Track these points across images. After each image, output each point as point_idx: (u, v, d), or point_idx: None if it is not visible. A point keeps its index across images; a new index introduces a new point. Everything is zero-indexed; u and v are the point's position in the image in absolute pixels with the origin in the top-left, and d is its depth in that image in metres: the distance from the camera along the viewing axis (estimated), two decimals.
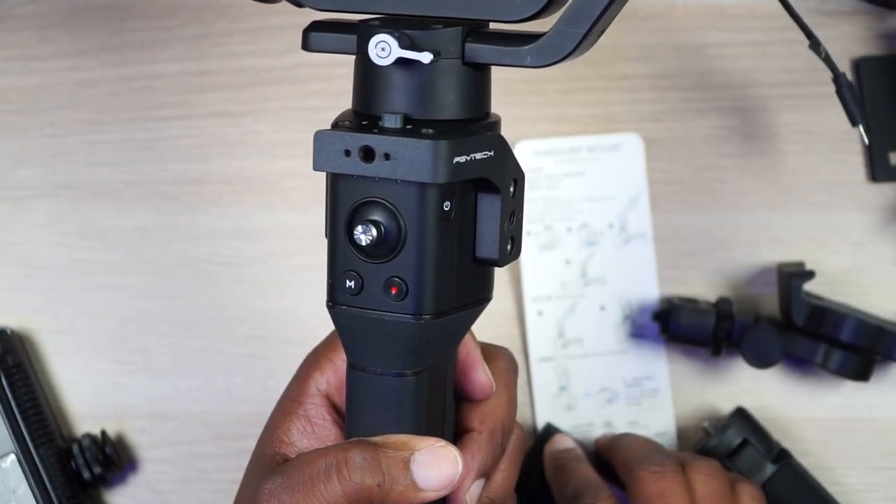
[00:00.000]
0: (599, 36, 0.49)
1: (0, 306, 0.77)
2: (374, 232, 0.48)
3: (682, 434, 0.75)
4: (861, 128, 0.69)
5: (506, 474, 0.57)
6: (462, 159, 0.47)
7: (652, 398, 0.74)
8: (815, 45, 0.66)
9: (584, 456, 0.72)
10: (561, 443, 0.72)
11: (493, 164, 0.49)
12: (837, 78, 0.68)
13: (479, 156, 0.48)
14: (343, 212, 0.49)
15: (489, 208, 0.50)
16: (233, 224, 0.77)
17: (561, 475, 0.69)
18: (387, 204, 0.48)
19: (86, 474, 0.73)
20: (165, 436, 0.76)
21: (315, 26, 0.51)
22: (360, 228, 0.48)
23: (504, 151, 0.50)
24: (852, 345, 0.71)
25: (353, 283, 0.50)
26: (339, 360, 0.56)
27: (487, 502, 0.56)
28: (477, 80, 0.50)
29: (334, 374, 0.56)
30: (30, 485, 0.72)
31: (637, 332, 0.75)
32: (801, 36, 0.75)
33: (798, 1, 0.76)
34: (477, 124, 0.49)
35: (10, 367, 0.73)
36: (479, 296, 0.52)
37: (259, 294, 0.76)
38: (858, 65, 0.75)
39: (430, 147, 0.46)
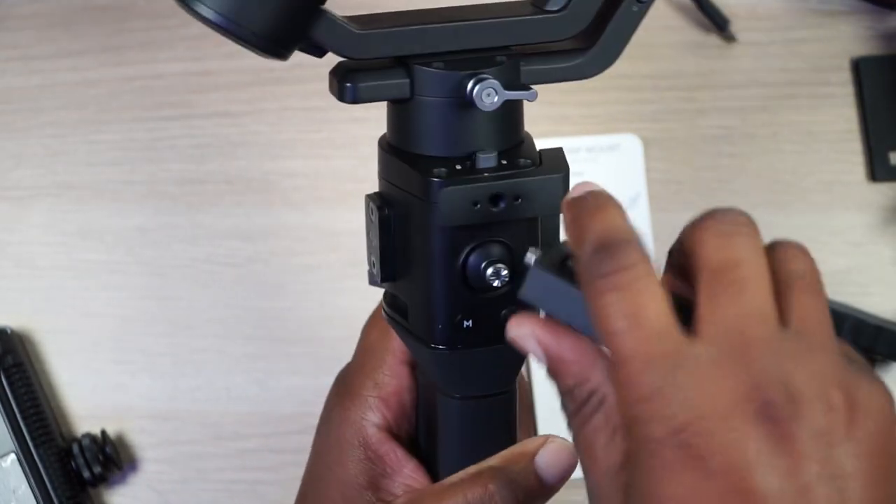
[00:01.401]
0: None
1: (0, 306, 0.77)
2: (507, 272, 0.48)
3: None
4: (727, 32, 0.72)
5: (525, 428, 0.57)
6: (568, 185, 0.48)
7: None
8: None
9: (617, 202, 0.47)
10: (588, 186, 0.46)
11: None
12: None
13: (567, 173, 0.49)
14: (455, 257, 0.48)
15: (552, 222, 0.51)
16: (233, 224, 0.77)
17: (578, 221, 0.44)
18: (501, 241, 0.48)
19: (86, 474, 0.73)
20: (165, 436, 0.76)
21: (350, 74, 0.49)
22: (491, 271, 0.48)
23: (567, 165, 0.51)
24: (852, 345, 0.70)
25: (469, 321, 0.49)
26: (386, 395, 0.55)
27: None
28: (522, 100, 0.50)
29: (387, 408, 0.55)
30: (30, 485, 0.72)
31: None
32: (801, 36, 0.75)
33: (798, 1, 0.76)
34: (526, 141, 0.50)
35: (10, 367, 0.73)
36: None
37: (259, 294, 0.76)
38: (858, 64, 0.75)
39: (559, 182, 0.47)
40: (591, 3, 0.49)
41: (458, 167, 0.47)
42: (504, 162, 0.47)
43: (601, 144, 0.75)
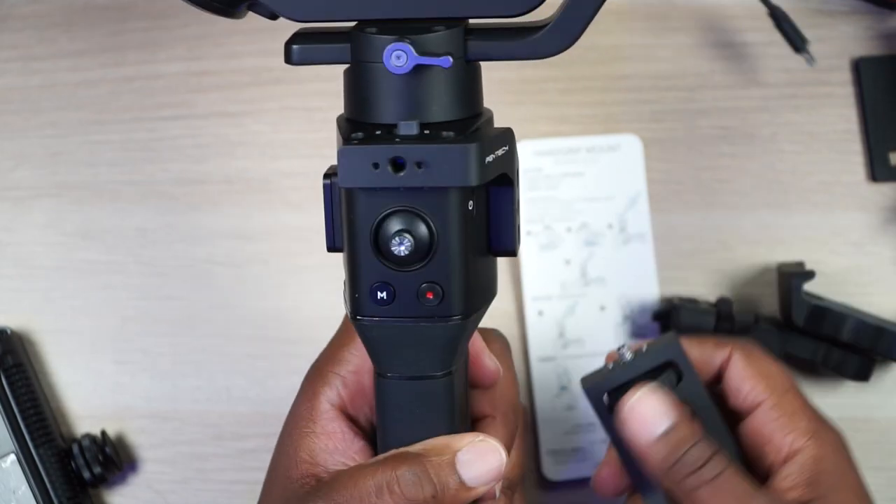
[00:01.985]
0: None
1: (0, 306, 0.77)
2: (411, 241, 0.48)
3: None
4: (806, 52, 0.72)
5: (518, 452, 0.57)
6: (490, 158, 0.48)
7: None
8: None
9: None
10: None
11: (508, 159, 0.50)
12: (773, 11, 0.72)
13: (499, 153, 0.49)
14: (367, 224, 0.49)
15: (503, 201, 0.50)
16: (233, 224, 0.77)
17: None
18: (415, 211, 0.48)
19: (86, 474, 0.73)
20: (165, 436, 0.76)
21: (299, 38, 0.50)
22: (396, 240, 0.48)
23: (513, 144, 0.50)
24: (852, 345, 0.71)
25: (384, 293, 0.49)
26: (346, 372, 0.56)
27: (506, 484, 0.55)
28: (476, 78, 0.50)
29: (344, 386, 0.56)
30: (30, 485, 0.72)
31: (637, 332, 0.75)
32: (801, 35, 0.75)
33: (798, 1, 0.76)
34: (480, 120, 0.50)
35: (10, 367, 0.73)
36: (494, 290, 0.53)
37: (259, 294, 0.76)
38: (858, 65, 0.75)
39: (466, 151, 0.46)
40: None
41: (378, 132, 0.48)
42: (427, 132, 0.47)
43: (601, 144, 0.75)
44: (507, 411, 0.56)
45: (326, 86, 0.77)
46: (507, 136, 0.50)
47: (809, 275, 0.71)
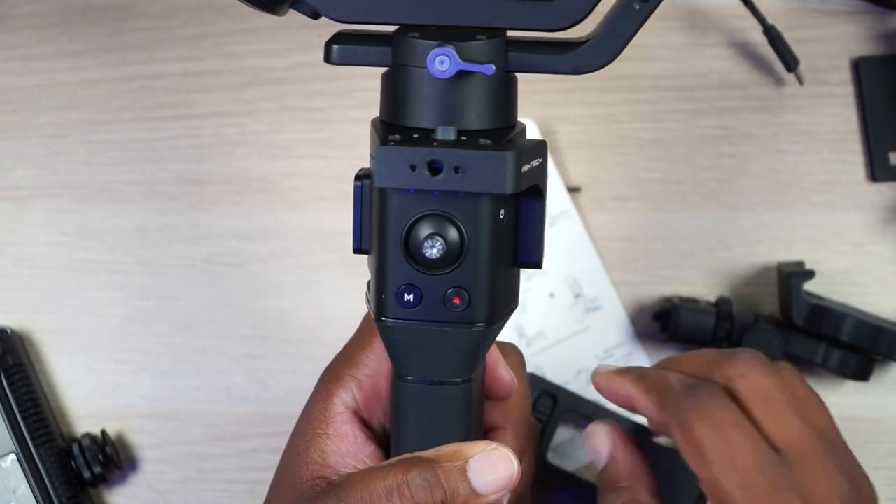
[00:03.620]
0: None
1: (0, 306, 0.77)
2: (442, 245, 0.48)
3: None
4: (797, 73, 0.73)
5: (526, 466, 0.57)
6: (526, 168, 0.48)
7: (628, 363, 0.74)
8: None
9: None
10: (609, 366, 0.62)
11: (540, 171, 0.50)
12: (767, 29, 0.73)
13: (534, 164, 0.49)
14: (399, 226, 0.49)
15: (533, 212, 0.51)
16: (233, 224, 0.77)
17: (649, 379, 0.59)
18: (448, 216, 0.48)
19: (86, 474, 0.73)
20: (165, 436, 0.76)
21: (340, 38, 0.50)
22: (427, 243, 0.48)
23: (546, 157, 0.50)
24: (852, 345, 0.71)
25: (411, 296, 0.49)
26: (362, 376, 0.55)
27: (513, 497, 0.55)
28: (514, 89, 0.50)
29: (359, 389, 0.55)
30: (30, 485, 0.72)
31: (638, 332, 0.75)
32: (801, 35, 0.75)
33: (798, 1, 0.76)
34: (515, 131, 0.50)
35: (10, 367, 0.73)
36: (516, 301, 0.53)
37: (259, 294, 0.76)
38: (858, 65, 0.75)
39: (504, 159, 0.46)
40: None
41: (416, 136, 0.48)
42: (464, 138, 0.47)
43: None
44: (519, 424, 0.56)
45: (326, 86, 0.77)
46: (541, 149, 0.50)
47: (809, 274, 0.71)
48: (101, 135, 0.78)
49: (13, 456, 0.72)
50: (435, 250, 0.48)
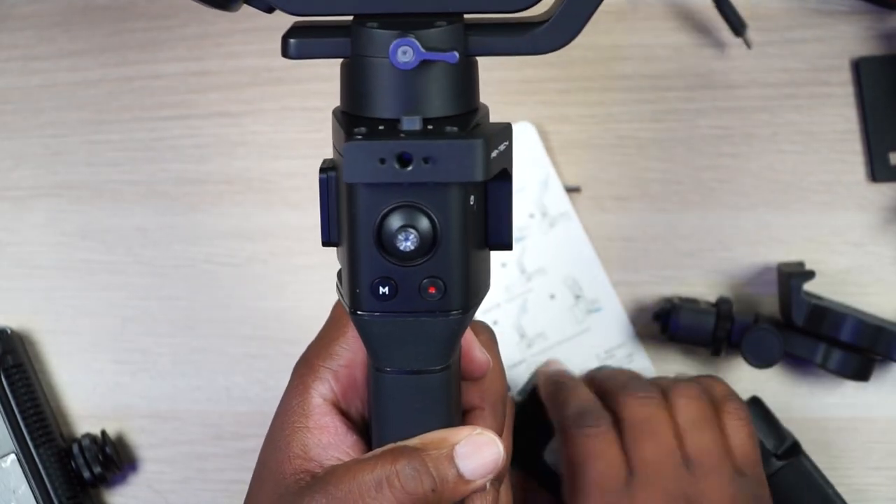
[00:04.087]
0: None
1: (0, 306, 0.77)
2: (416, 237, 0.48)
3: None
4: (744, 37, 0.73)
5: (505, 444, 0.57)
6: (494, 154, 0.48)
7: (630, 363, 0.74)
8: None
9: (580, 380, 0.72)
10: (555, 365, 0.73)
11: (508, 154, 0.50)
12: None
13: (501, 148, 0.49)
14: (370, 220, 0.48)
15: (501, 195, 0.50)
16: (233, 224, 0.77)
17: (560, 394, 0.69)
18: (418, 206, 0.48)
19: (86, 474, 0.73)
20: (165, 436, 0.76)
21: (296, 31, 0.50)
22: (401, 235, 0.48)
23: (512, 139, 0.50)
24: (852, 345, 0.71)
25: (386, 289, 0.49)
26: (337, 366, 0.55)
27: (493, 476, 0.55)
28: (475, 73, 0.50)
29: (336, 380, 0.55)
30: (30, 485, 0.72)
31: (638, 332, 0.75)
32: (801, 35, 0.75)
33: (798, 1, 0.76)
34: (478, 115, 0.50)
35: (10, 367, 0.73)
36: (488, 284, 0.53)
37: (259, 294, 0.76)
38: (858, 65, 0.75)
39: (473, 147, 0.46)
40: None
41: (381, 127, 0.47)
42: (430, 127, 0.47)
43: None
44: (496, 402, 0.56)
45: (326, 86, 0.76)
46: (507, 132, 0.50)
47: (809, 275, 0.71)
48: (101, 135, 0.78)
49: (13, 456, 0.72)
50: (409, 242, 0.48)
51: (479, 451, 0.51)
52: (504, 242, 0.51)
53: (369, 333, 0.51)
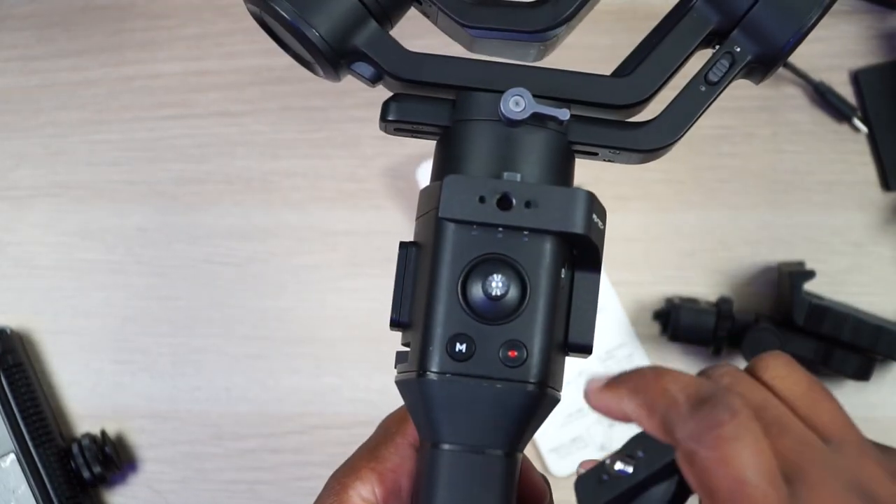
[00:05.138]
0: None
1: (0, 306, 0.77)
2: (504, 292, 0.45)
3: None
4: (856, 120, 0.73)
5: None
6: (594, 217, 0.46)
7: (630, 363, 0.74)
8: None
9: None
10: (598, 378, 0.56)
11: (601, 234, 0.47)
12: (816, 87, 0.73)
13: (599, 223, 0.46)
14: (457, 267, 0.45)
15: (588, 288, 0.47)
16: (233, 224, 0.77)
17: (651, 387, 0.46)
18: (510, 261, 0.45)
19: (86, 474, 0.73)
20: (165, 436, 0.76)
21: (399, 97, 0.48)
22: (489, 288, 0.44)
23: (606, 222, 0.48)
24: (852, 345, 0.71)
25: (463, 346, 0.45)
26: (383, 469, 0.51)
27: None
28: (573, 162, 0.49)
29: (380, 483, 0.51)
30: (30, 484, 0.72)
31: (637, 332, 0.75)
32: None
33: None
34: None
35: (10, 367, 0.73)
36: (559, 386, 0.47)
37: (259, 294, 0.76)
38: (857, 77, 0.75)
39: (577, 195, 0.45)
40: (656, 73, 0.49)
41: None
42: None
43: None
44: None
45: (326, 85, 0.77)
46: (604, 213, 0.47)
47: (810, 274, 0.71)
48: (101, 135, 0.78)
49: (13, 456, 0.72)
50: (496, 297, 0.45)
51: None
52: (582, 343, 0.47)
53: (434, 398, 0.46)
